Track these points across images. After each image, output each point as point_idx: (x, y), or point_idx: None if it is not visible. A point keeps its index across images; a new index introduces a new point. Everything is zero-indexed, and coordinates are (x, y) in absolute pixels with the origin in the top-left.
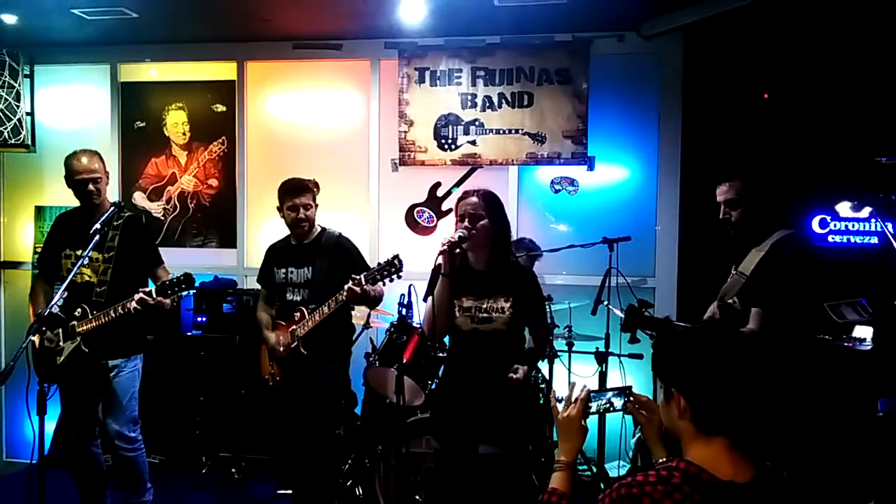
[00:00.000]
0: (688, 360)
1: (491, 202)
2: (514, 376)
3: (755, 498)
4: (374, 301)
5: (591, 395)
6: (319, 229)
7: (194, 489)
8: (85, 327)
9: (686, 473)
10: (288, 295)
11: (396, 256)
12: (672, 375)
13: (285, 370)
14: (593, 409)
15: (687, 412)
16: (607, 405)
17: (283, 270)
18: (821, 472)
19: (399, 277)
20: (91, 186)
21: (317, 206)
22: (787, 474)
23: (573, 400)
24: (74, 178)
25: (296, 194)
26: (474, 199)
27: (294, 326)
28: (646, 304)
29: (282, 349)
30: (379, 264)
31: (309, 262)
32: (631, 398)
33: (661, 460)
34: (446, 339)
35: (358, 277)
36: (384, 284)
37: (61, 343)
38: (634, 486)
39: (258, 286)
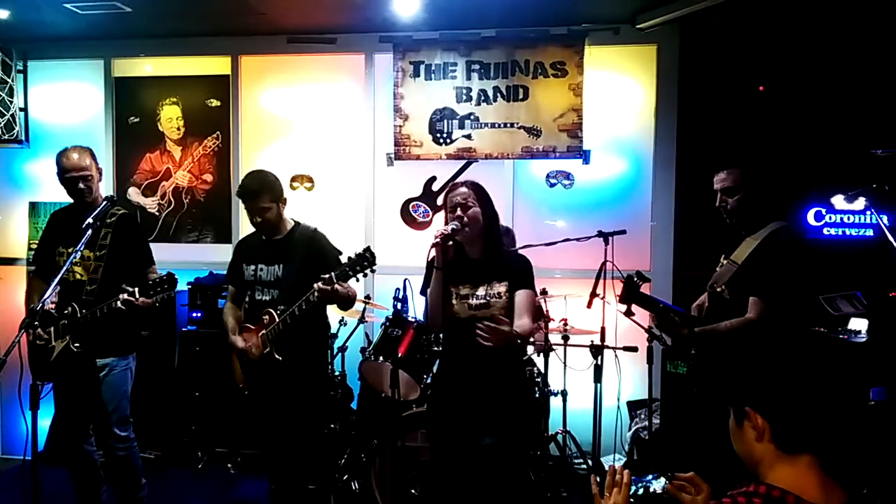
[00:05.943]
0: (762, 374)
1: (479, 192)
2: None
3: None
4: (347, 302)
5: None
6: (292, 224)
7: (190, 484)
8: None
9: (768, 498)
10: (257, 294)
11: (367, 248)
12: (746, 393)
13: (258, 378)
14: (631, 492)
15: (766, 432)
16: (646, 486)
17: (253, 267)
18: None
19: (373, 272)
20: (81, 184)
21: (285, 201)
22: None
23: (615, 484)
24: (65, 176)
25: (246, 201)
26: (463, 189)
27: (263, 330)
28: (643, 277)
29: (254, 350)
30: (349, 258)
31: (280, 260)
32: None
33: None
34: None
35: (328, 276)
36: (357, 280)
37: (52, 342)
38: None
39: None
